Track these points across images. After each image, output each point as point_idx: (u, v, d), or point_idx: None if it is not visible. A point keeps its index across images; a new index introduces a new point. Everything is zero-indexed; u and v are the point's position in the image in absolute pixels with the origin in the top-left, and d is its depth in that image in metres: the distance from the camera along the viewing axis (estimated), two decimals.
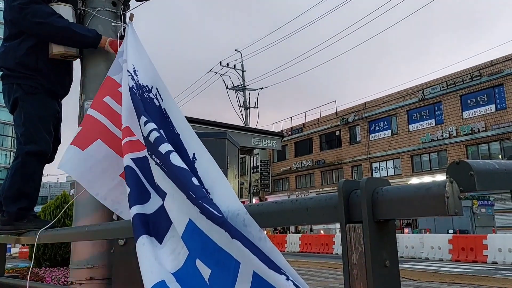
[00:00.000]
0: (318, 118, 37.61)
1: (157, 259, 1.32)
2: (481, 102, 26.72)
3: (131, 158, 1.69)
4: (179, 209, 1.32)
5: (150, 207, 1.52)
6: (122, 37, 2.65)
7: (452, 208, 0.77)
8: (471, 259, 14.58)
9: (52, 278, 8.82)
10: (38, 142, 2.63)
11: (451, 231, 19.82)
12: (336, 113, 35.81)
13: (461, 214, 0.78)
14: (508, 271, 11.84)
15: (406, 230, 24.50)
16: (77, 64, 2.90)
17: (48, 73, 2.71)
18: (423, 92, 29.46)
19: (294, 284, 0.96)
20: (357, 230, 0.88)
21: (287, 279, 0.97)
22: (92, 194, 2.20)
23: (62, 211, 2.88)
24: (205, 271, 1.17)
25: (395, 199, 0.86)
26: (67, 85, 2.90)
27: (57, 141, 2.91)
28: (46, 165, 2.83)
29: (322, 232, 27.22)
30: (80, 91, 2.81)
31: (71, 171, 2.23)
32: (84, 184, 2.21)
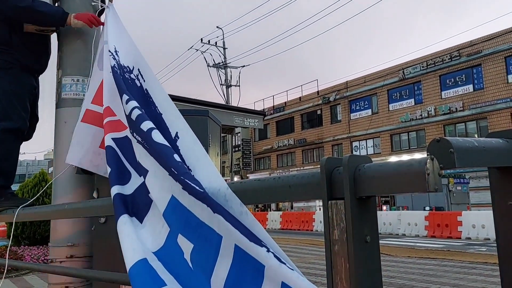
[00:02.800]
0: (300, 97, 37.67)
1: (138, 238, 1.31)
2: (459, 82, 27.15)
3: (112, 138, 1.68)
4: (161, 186, 1.31)
5: (130, 188, 1.52)
6: (101, 12, 2.59)
7: (432, 185, 0.78)
8: (446, 235, 15.05)
9: (32, 256, 8.77)
10: (14, 119, 2.56)
11: (427, 208, 20.39)
12: (318, 92, 35.91)
13: (440, 191, 0.80)
14: (481, 246, 12.29)
15: (384, 207, 25.06)
16: (54, 38, 2.81)
17: (23, 48, 2.62)
18: (403, 72, 29.72)
19: (275, 256, 0.97)
20: (339, 206, 0.89)
21: (268, 251, 0.99)
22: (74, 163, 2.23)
23: (42, 190, 2.84)
24: (187, 246, 1.17)
25: (377, 176, 0.86)
26: (44, 61, 2.81)
27: (35, 118, 2.83)
28: (24, 143, 2.77)
29: (302, 209, 27.62)
30: (57, 67, 2.73)
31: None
32: (69, 160, 2.23)
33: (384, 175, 0.85)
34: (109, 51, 1.96)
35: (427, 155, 0.83)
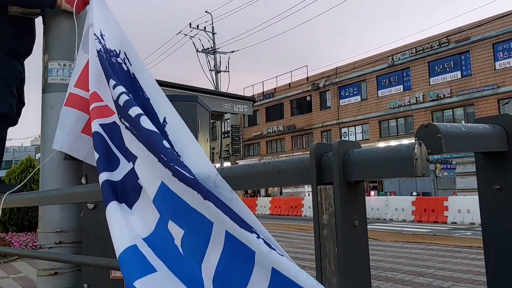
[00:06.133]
0: (290, 83, 37.58)
1: (128, 224, 1.31)
2: (447, 69, 27.32)
3: (99, 124, 1.66)
4: (151, 172, 1.31)
5: (118, 174, 1.50)
6: None
7: (420, 170, 0.79)
8: (433, 219, 15.29)
9: (20, 242, 8.72)
10: (1, 104, 2.52)
11: (414, 193, 20.66)
12: (307, 78, 35.84)
13: (428, 175, 0.81)
14: (466, 230, 12.52)
15: (372, 192, 25.32)
16: (39, 22, 2.76)
17: (8, 32, 2.56)
18: (392, 58, 29.79)
19: (265, 242, 0.98)
20: (328, 191, 0.90)
21: (258, 237, 0.99)
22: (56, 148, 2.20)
23: (29, 176, 2.82)
24: (178, 233, 1.17)
25: (366, 161, 0.87)
26: (29, 44, 2.75)
27: (21, 103, 2.79)
28: (10, 129, 2.73)
29: (291, 195, 27.81)
30: (43, 51, 2.68)
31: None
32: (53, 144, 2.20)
33: (372, 160, 0.86)
34: (95, 34, 1.91)
35: (415, 140, 0.84)
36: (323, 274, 0.90)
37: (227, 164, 34.42)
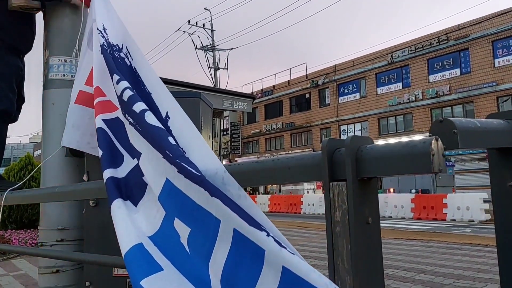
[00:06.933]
0: (289, 81, 37.53)
1: (133, 223, 1.29)
2: (447, 66, 27.31)
3: (103, 120, 1.63)
4: (156, 169, 1.28)
5: (122, 171, 1.48)
6: None
7: (437, 166, 0.77)
8: (432, 217, 15.31)
9: (19, 240, 8.70)
10: (1, 101, 2.49)
11: (413, 190, 20.69)
12: (307, 75, 35.80)
13: (444, 172, 0.79)
14: (465, 227, 12.54)
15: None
16: (39, 18, 2.73)
17: (8, 27, 2.53)
18: (391, 56, 29.76)
19: (275, 240, 0.95)
20: (341, 188, 0.88)
21: (268, 235, 0.97)
22: (73, 147, 2.23)
23: (30, 174, 2.80)
24: (184, 230, 1.15)
25: (380, 157, 0.85)
26: (30, 40, 2.72)
27: (21, 99, 2.76)
28: (9, 125, 2.71)
29: (291, 192, 27.82)
30: (43, 47, 2.65)
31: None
32: (65, 142, 2.22)
33: (387, 156, 0.84)
34: (98, 29, 1.90)
35: (430, 135, 0.82)
36: (335, 272, 0.88)
37: (225, 162, 34.39)
